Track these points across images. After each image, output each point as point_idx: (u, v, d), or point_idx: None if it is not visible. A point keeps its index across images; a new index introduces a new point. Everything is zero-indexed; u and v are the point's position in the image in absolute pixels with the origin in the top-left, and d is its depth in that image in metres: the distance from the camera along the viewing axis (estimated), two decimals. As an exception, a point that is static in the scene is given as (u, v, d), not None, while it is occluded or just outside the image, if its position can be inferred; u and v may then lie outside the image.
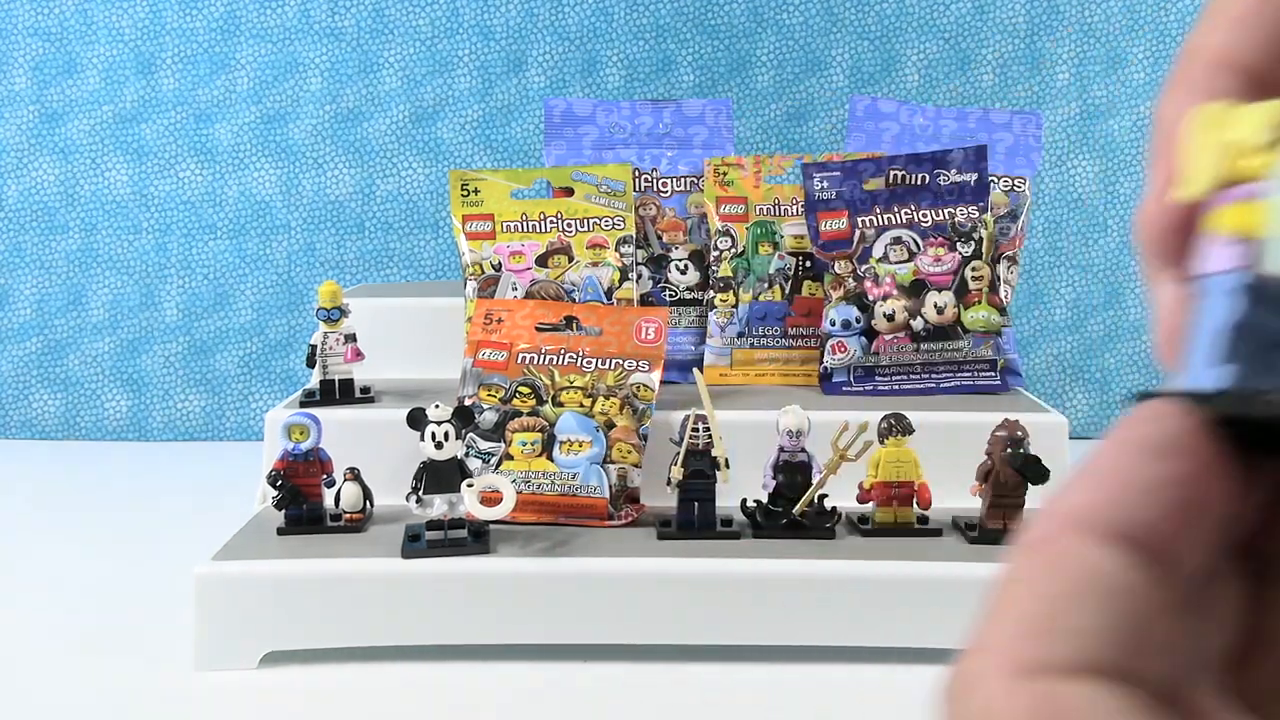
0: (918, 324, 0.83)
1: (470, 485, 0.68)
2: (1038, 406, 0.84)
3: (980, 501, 0.72)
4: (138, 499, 1.04)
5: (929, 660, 0.68)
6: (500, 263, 0.89)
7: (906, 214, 0.85)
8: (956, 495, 0.74)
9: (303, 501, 0.73)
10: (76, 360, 1.25)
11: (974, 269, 0.84)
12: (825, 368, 0.85)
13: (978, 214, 0.85)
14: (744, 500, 0.74)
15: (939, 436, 0.78)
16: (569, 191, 0.90)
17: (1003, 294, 0.92)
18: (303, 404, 0.84)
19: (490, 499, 0.69)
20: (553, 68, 1.22)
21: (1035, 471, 0.69)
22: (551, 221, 0.89)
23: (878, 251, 0.85)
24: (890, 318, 0.81)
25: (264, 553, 0.70)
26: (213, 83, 1.22)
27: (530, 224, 0.89)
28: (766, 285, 0.91)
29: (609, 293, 0.89)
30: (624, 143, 0.95)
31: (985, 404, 0.85)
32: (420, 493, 0.69)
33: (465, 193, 0.89)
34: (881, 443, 0.72)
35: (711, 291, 0.92)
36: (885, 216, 0.86)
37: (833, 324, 0.84)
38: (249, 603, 0.68)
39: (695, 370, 0.77)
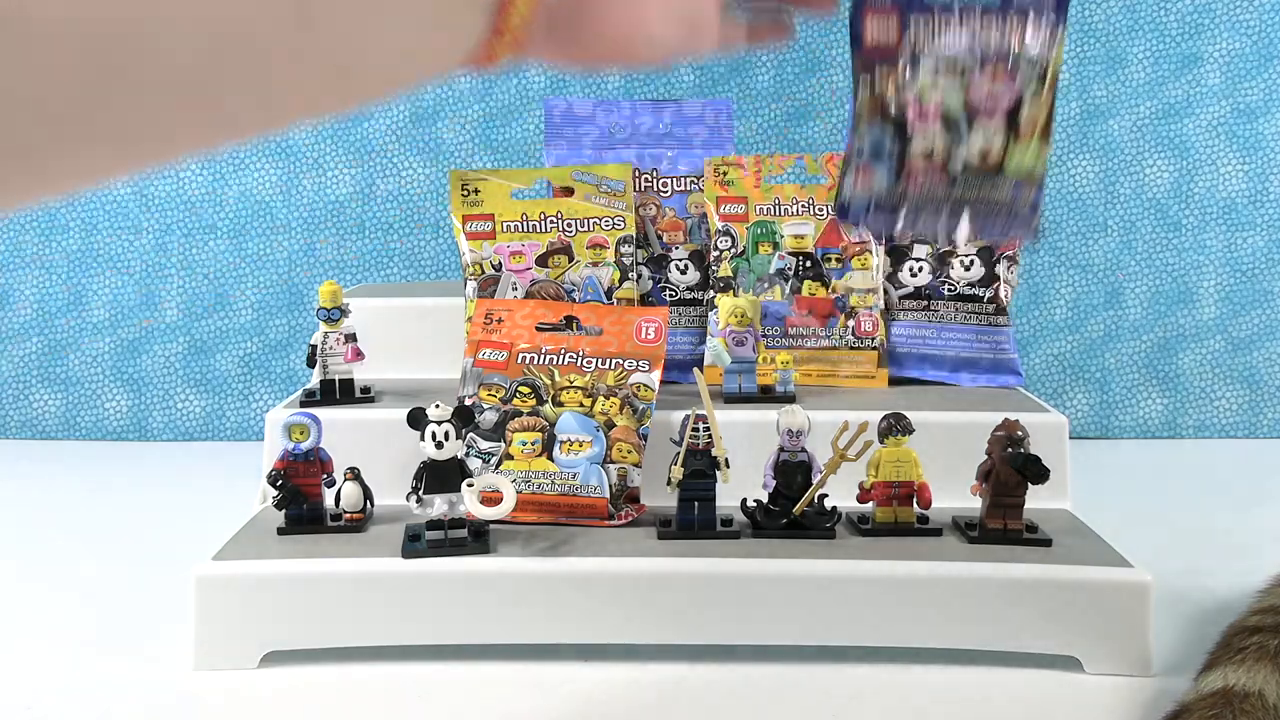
0: (957, 160, 0.64)
1: (470, 485, 0.68)
2: (1038, 406, 0.84)
3: (980, 501, 0.72)
4: (138, 499, 1.04)
5: (929, 660, 0.68)
6: (500, 263, 0.89)
7: (968, 29, 0.65)
8: (956, 495, 0.74)
9: (303, 501, 0.73)
10: (76, 360, 1.25)
11: (1032, 101, 0.64)
12: (844, 199, 0.67)
13: (1050, 37, 0.65)
14: (744, 500, 0.74)
15: (939, 436, 0.78)
16: (569, 191, 0.90)
17: (1003, 294, 0.92)
18: (303, 404, 0.84)
19: (490, 499, 0.69)
20: (553, 67, 1.22)
21: (1035, 471, 0.69)
22: (551, 221, 0.90)
23: (926, 71, 0.65)
24: (928, 153, 0.64)
25: (264, 553, 0.70)
26: (213, 83, 1.22)
27: (530, 224, 0.89)
28: (766, 285, 0.92)
29: (609, 293, 0.89)
30: (624, 143, 0.95)
31: (985, 404, 0.85)
32: (420, 493, 0.69)
33: (465, 193, 0.89)
34: (881, 442, 0.72)
35: (711, 291, 0.92)
36: (943, 25, 0.66)
37: (860, 149, 0.66)
38: (249, 603, 0.68)
39: (695, 370, 0.77)
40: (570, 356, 0.81)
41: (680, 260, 0.94)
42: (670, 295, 0.93)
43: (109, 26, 0.22)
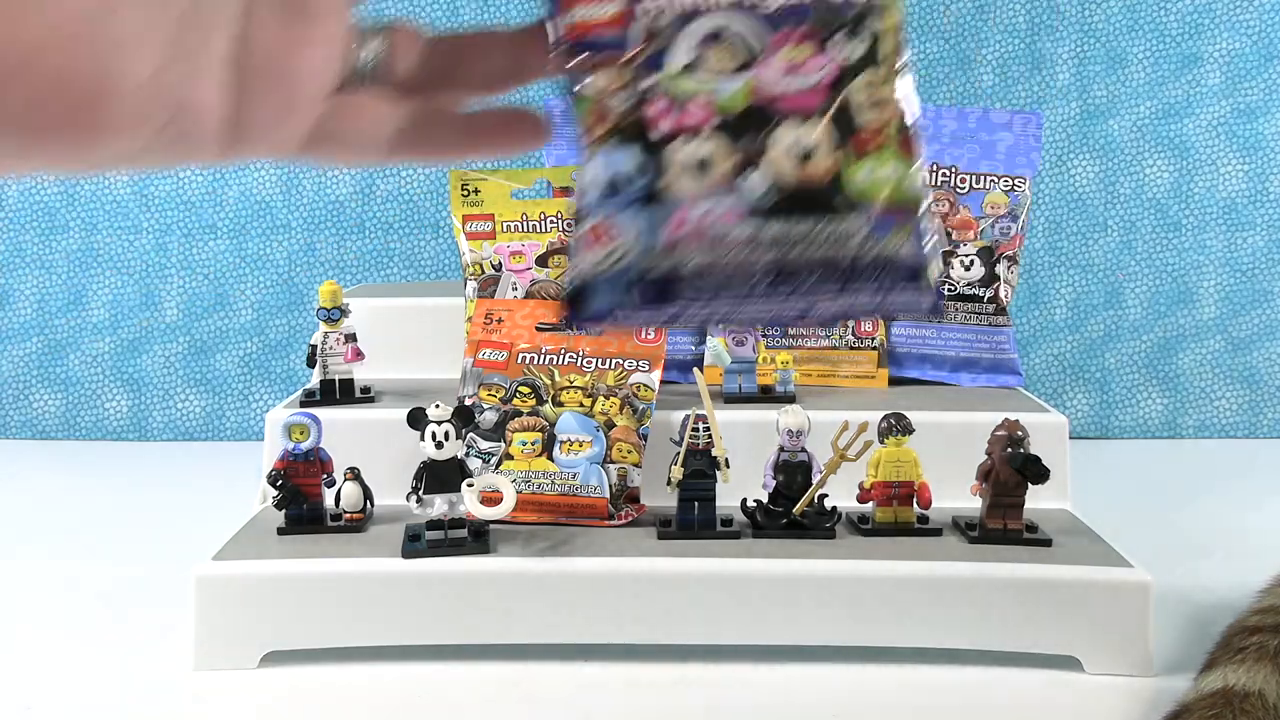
0: (757, 183, 0.37)
1: (470, 485, 0.68)
2: (1038, 406, 0.84)
3: (980, 501, 0.72)
4: (138, 499, 1.04)
5: (929, 660, 0.68)
6: (500, 263, 0.89)
7: None
8: (956, 495, 0.74)
9: (303, 501, 0.73)
10: (76, 360, 1.25)
11: (868, 86, 0.38)
12: (578, 281, 0.39)
13: None
14: (744, 500, 0.74)
15: (939, 436, 0.78)
16: (569, 191, 0.90)
17: (1003, 294, 0.92)
18: (303, 404, 0.84)
19: (490, 499, 0.69)
20: (553, 68, 1.22)
21: (1035, 471, 0.69)
22: (552, 221, 0.90)
23: (678, 56, 0.39)
24: (703, 166, 0.37)
25: (264, 553, 0.70)
26: (213, 83, 1.22)
27: (530, 224, 0.89)
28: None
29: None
30: (624, 143, 0.95)
31: (985, 404, 0.85)
32: (420, 493, 0.69)
33: (465, 193, 0.89)
34: (881, 442, 0.72)
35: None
36: None
37: (589, 189, 0.38)
38: (249, 603, 0.68)
39: (695, 370, 0.77)
40: (570, 356, 0.81)
41: (680, 260, 0.94)
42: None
43: None
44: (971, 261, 0.92)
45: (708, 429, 0.72)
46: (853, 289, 0.35)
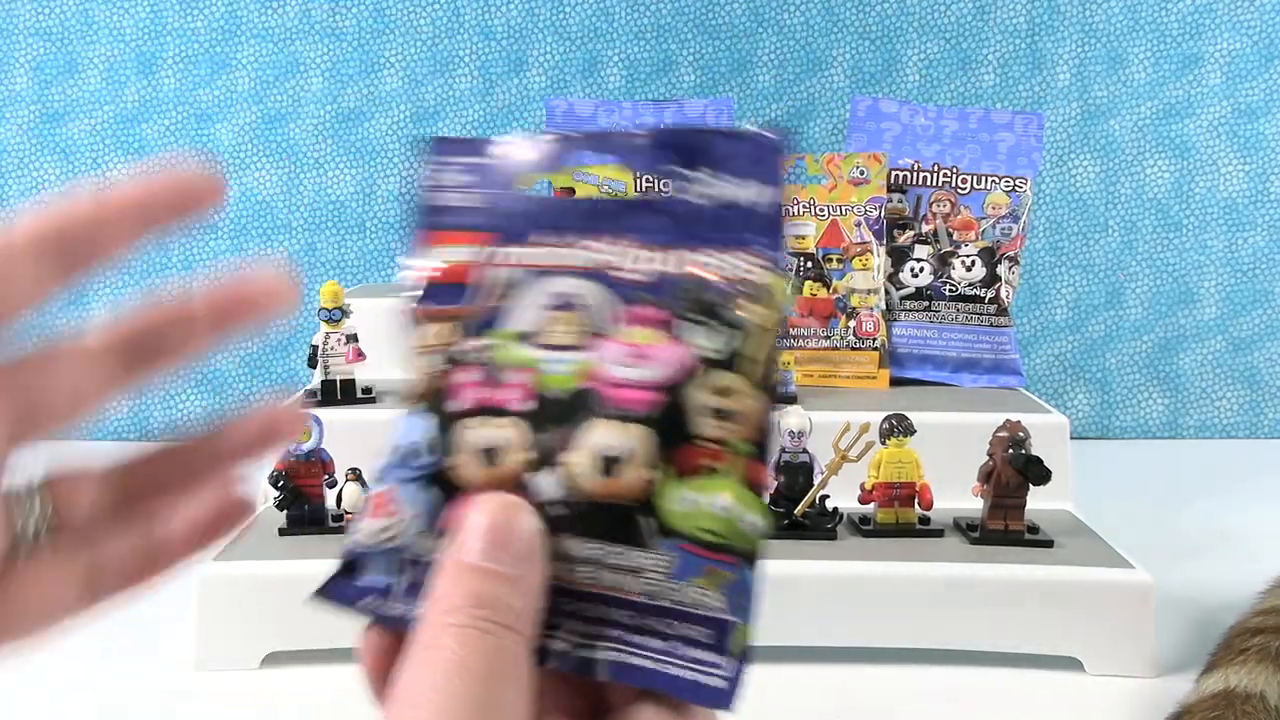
0: (547, 487, 0.29)
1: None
2: (1039, 406, 0.84)
3: (982, 502, 0.72)
4: (139, 499, 1.04)
5: (930, 661, 0.68)
6: (501, 263, 0.89)
7: (606, 248, 0.31)
8: (958, 496, 0.74)
9: (304, 502, 0.73)
10: (77, 360, 1.25)
11: (717, 392, 0.28)
12: (350, 548, 0.33)
13: (761, 269, 0.29)
14: (745, 501, 0.74)
15: (940, 437, 0.78)
16: (570, 191, 0.90)
17: (1004, 294, 0.92)
18: (304, 405, 0.84)
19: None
20: (554, 68, 1.22)
21: (1036, 472, 0.69)
22: (552, 222, 0.89)
23: (518, 319, 0.32)
24: (490, 455, 0.30)
25: (265, 553, 0.70)
26: (213, 83, 1.22)
27: (531, 224, 0.89)
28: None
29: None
30: (625, 143, 0.95)
31: (987, 404, 0.85)
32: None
33: (466, 193, 0.89)
34: (883, 443, 0.72)
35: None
36: (562, 251, 0.32)
37: (389, 452, 0.33)
38: (250, 603, 0.68)
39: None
40: (571, 357, 0.80)
41: (681, 260, 0.94)
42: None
43: None
44: (973, 262, 0.93)
45: (709, 430, 0.72)
46: (637, 638, 0.28)
